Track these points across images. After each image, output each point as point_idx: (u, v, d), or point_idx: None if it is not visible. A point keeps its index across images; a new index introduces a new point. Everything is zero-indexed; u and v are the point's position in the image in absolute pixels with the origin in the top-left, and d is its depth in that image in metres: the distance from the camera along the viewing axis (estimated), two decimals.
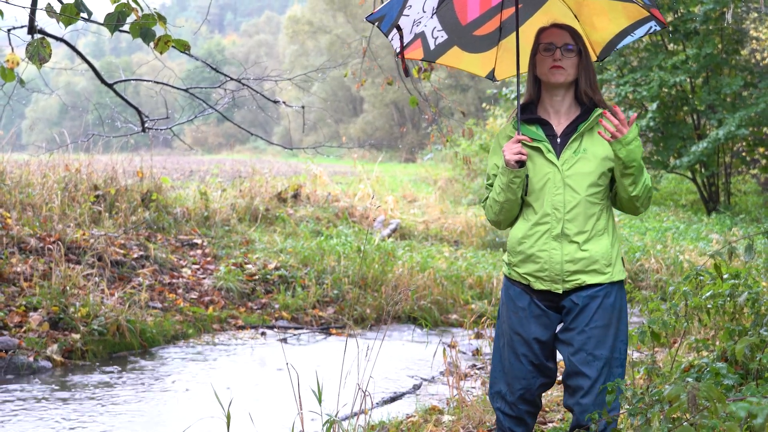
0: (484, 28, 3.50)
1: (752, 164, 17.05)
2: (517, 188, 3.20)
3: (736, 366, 4.04)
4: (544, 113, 3.32)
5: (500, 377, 3.36)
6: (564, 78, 3.22)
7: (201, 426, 4.94)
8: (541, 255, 3.20)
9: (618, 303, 3.23)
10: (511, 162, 3.16)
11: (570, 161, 3.20)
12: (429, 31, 3.41)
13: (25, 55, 4.17)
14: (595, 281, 3.18)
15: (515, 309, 3.30)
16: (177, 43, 4.60)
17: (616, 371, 3.20)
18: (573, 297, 3.20)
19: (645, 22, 3.32)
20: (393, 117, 43.36)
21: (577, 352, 3.20)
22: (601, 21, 3.40)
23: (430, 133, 14.91)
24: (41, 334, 6.64)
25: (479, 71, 3.68)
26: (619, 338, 3.22)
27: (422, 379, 6.41)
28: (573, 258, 3.17)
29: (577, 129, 3.23)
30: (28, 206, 8.90)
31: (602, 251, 3.18)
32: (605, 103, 3.27)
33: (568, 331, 3.22)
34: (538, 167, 3.23)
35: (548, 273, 3.20)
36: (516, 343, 3.29)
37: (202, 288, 8.54)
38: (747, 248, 3.53)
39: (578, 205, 3.17)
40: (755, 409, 2.20)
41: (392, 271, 9.01)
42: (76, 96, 43.31)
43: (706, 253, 9.77)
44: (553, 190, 3.19)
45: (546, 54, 3.24)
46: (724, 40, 15.36)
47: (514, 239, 3.30)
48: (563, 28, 3.26)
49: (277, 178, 14.43)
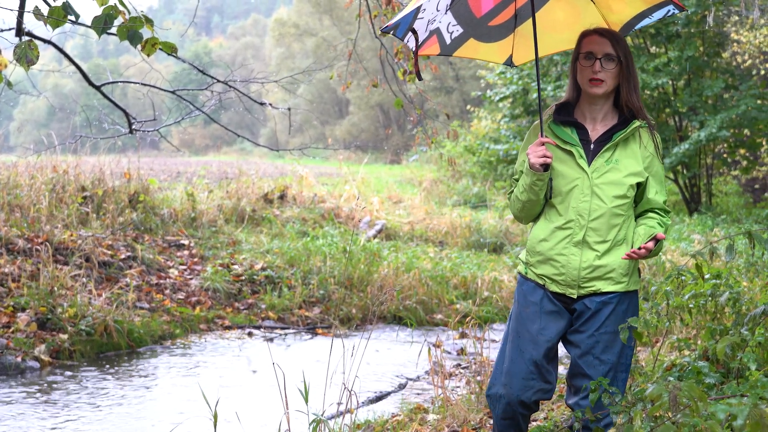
0: (499, 17, 3.49)
1: (733, 166, 17.15)
2: (540, 190, 3.17)
3: (717, 365, 4.06)
4: (580, 116, 3.28)
5: (499, 379, 3.32)
6: (603, 91, 3.18)
7: (188, 425, 4.96)
8: (560, 259, 3.18)
9: (631, 311, 3.22)
10: (535, 165, 3.13)
11: (601, 170, 3.16)
12: (444, 27, 3.41)
13: (13, 57, 4.19)
14: (610, 289, 3.16)
15: (526, 304, 3.27)
16: (164, 46, 4.63)
17: (621, 376, 3.21)
18: (586, 301, 3.19)
19: (663, 6, 3.30)
20: (378, 119, 43.36)
21: (584, 355, 3.19)
22: (618, 4, 3.38)
23: (415, 135, 14.96)
24: (29, 334, 6.65)
25: (497, 59, 3.67)
26: (628, 344, 3.21)
27: (407, 379, 6.44)
28: (591, 265, 3.15)
29: (612, 138, 3.18)
30: (16, 207, 8.89)
31: (620, 262, 3.16)
32: (645, 113, 3.23)
33: (578, 333, 3.21)
34: (568, 171, 3.19)
35: (564, 277, 3.18)
36: (522, 340, 3.26)
37: (189, 288, 8.56)
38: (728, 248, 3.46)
39: (603, 214, 3.14)
40: (735, 410, 2.23)
41: (378, 272, 9.04)
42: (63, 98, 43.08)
43: (688, 253, 9.82)
44: (580, 197, 3.16)
45: (586, 64, 3.19)
46: (705, 43, 15.49)
47: (535, 239, 3.27)
48: (604, 35, 3.19)
49: (263, 179, 14.41)
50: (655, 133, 3.25)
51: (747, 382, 3.44)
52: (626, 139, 3.19)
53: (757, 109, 14.27)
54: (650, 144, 3.21)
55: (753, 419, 2.21)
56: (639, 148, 3.19)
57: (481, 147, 20.24)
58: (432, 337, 7.56)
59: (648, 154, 3.20)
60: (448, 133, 8.75)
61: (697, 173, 15.88)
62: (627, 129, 3.18)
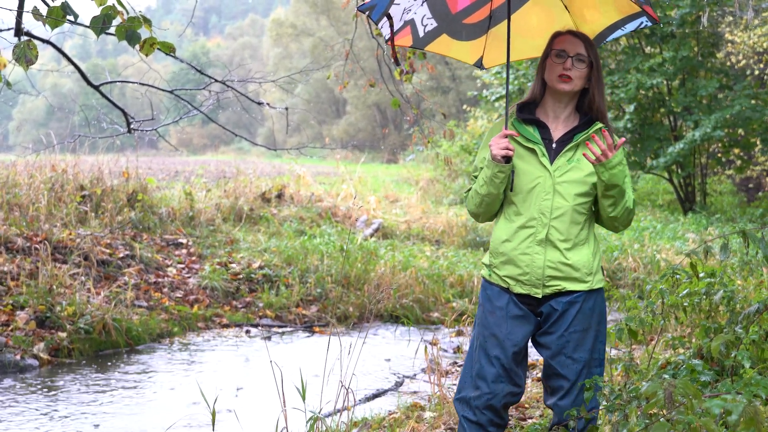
0: (474, 16, 3.48)
1: (727, 165, 17.18)
2: (500, 183, 3.15)
3: (711, 363, 4.06)
4: (543, 115, 3.27)
5: (469, 382, 3.29)
6: (570, 88, 3.18)
7: (186, 423, 5.01)
8: (524, 258, 3.17)
9: (597, 308, 3.22)
10: (497, 157, 3.11)
11: (563, 168, 3.16)
12: (418, 19, 3.39)
13: (12, 57, 4.22)
14: (574, 288, 3.17)
15: (492, 309, 3.25)
16: (162, 46, 4.65)
17: (595, 371, 3.22)
18: (552, 302, 3.18)
19: (636, 18, 3.30)
20: (375, 118, 43.35)
21: (556, 355, 3.20)
22: (592, 14, 3.38)
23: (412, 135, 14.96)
24: (28, 332, 6.68)
25: (467, 59, 3.65)
26: (599, 339, 3.23)
27: (404, 377, 6.46)
28: (555, 264, 3.14)
29: (574, 138, 3.19)
30: (15, 206, 8.91)
31: (584, 260, 3.17)
32: (607, 118, 3.22)
33: (547, 334, 3.21)
34: (530, 169, 3.18)
35: (529, 277, 3.16)
36: (489, 344, 3.24)
37: (187, 287, 8.59)
38: (722, 247, 3.49)
39: (565, 213, 3.14)
40: (730, 406, 2.24)
41: (374, 270, 9.06)
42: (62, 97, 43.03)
43: (683, 252, 9.85)
44: (542, 195, 3.15)
45: (557, 61, 3.18)
46: (700, 43, 15.53)
47: (498, 240, 3.25)
48: (578, 36, 3.20)
49: (261, 178, 14.41)
50: (615, 137, 3.22)
51: (741, 379, 3.43)
52: (587, 140, 3.17)
53: (751, 109, 14.32)
54: None
55: (747, 416, 2.22)
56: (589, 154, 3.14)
57: (477, 146, 20.28)
58: (428, 335, 7.59)
59: None
60: (444, 132, 8.79)
61: (691, 173, 15.93)
62: (589, 130, 3.18)
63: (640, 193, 18.56)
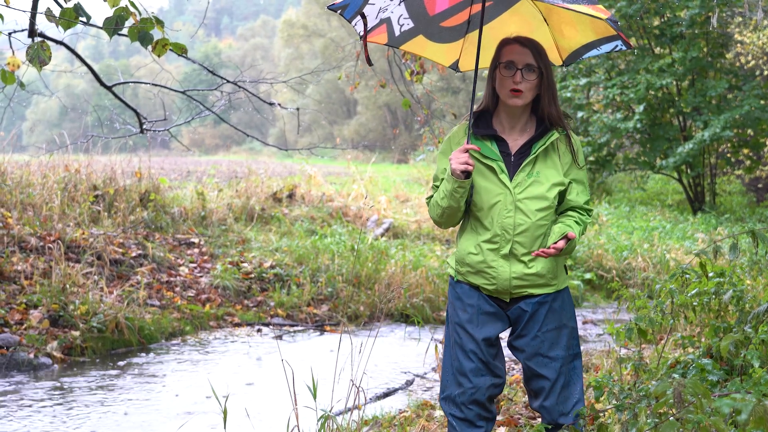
0: (452, 20, 3.46)
1: (737, 165, 17.14)
2: (461, 197, 3.14)
3: (721, 362, 4.04)
4: (499, 126, 3.24)
5: (451, 380, 3.30)
6: (522, 102, 3.15)
7: (198, 421, 5.03)
8: (490, 271, 3.19)
9: (566, 305, 3.27)
10: (456, 171, 3.08)
11: (523, 184, 3.15)
12: (395, 18, 3.38)
13: (26, 58, 4.28)
14: (541, 292, 3.21)
15: (463, 306, 3.27)
16: (174, 47, 4.69)
17: (573, 365, 3.26)
18: (521, 304, 3.22)
19: (612, 40, 3.28)
20: (386, 119, 43.36)
21: (532, 357, 3.22)
22: (569, 30, 3.37)
23: (422, 135, 14.99)
24: (41, 331, 6.72)
25: (443, 61, 3.63)
26: (572, 335, 3.26)
27: (414, 375, 6.47)
28: (520, 275, 3.17)
29: (532, 150, 3.17)
30: (29, 206, 8.97)
31: (548, 267, 3.19)
32: (563, 120, 3.21)
33: (521, 337, 3.24)
34: (491, 186, 3.17)
35: (496, 287, 3.19)
36: (464, 340, 3.25)
37: (199, 286, 8.63)
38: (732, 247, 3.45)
39: (528, 228, 3.14)
40: (740, 405, 2.24)
41: (385, 270, 9.08)
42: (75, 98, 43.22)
43: (692, 251, 9.82)
44: (504, 212, 3.15)
45: (506, 73, 3.14)
46: (709, 43, 15.51)
47: (464, 251, 3.26)
48: (526, 45, 3.15)
49: (272, 178, 14.43)
50: (574, 137, 3.24)
51: (750, 379, 3.44)
52: (546, 150, 3.18)
53: (761, 109, 14.29)
54: (567, 153, 3.21)
55: (757, 415, 2.23)
56: (558, 157, 3.19)
57: None
58: (439, 334, 7.59)
59: (567, 161, 3.20)
60: None
61: (701, 173, 15.90)
62: (545, 140, 3.16)
63: (649, 193, 18.54)
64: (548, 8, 3.35)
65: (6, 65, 4.60)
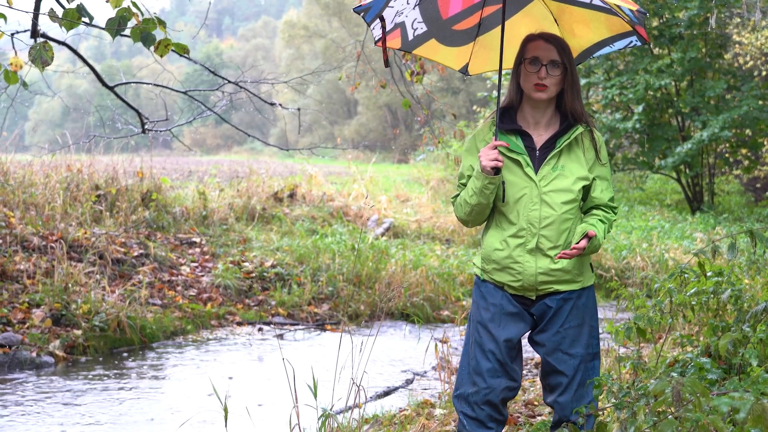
0: (464, 23, 3.48)
1: (735, 165, 17.17)
2: (490, 194, 3.16)
3: (719, 361, 4.05)
4: (523, 122, 3.27)
5: (466, 379, 3.30)
6: (547, 96, 3.19)
7: (199, 419, 5.05)
8: (516, 267, 3.19)
9: (590, 303, 3.27)
10: (486, 168, 3.11)
11: (548, 177, 3.17)
12: (409, 22, 3.40)
13: (28, 59, 4.31)
14: (567, 288, 3.21)
15: (486, 305, 3.27)
16: (176, 47, 4.72)
17: (591, 365, 3.25)
18: (546, 301, 3.21)
19: (626, 36, 3.30)
20: (386, 119, 43.34)
21: (552, 352, 3.22)
22: (581, 29, 3.37)
23: (423, 135, 15.00)
24: (44, 330, 6.76)
25: (453, 64, 3.66)
26: (592, 334, 3.26)
27: (414, 374, 6.50)
28: (546, 270, 3.17)
29: (556, 145, 3.19)
30: (31, 206, 9.00)
31: (573, 263, 3.19)
32: (587, 116, 3.25)
33: (543, 332, 3.24)
34: (516, 180, 3.19)
35: (522, 283, 3.19)
36: (484, 339, 3.26)
37: (201, 285, 8.66)
38: (730, 247, 3.48)
39: (554, 221, 3.15)
40: (738, 404, 2.25)
41: (385, 269, 9.11)
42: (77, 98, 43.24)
43: (691, 251, 9.83)
44: (530, 205, 3.16)
45: (531, 69, 3.18)
46: (707, 44, 15.54)
47: (489, 247, 3.26)
48: (550, 41, 3.19)
49: (273, 178, 14.42)
50: (597, 134, 3.27)
51: (749, 378, 3.43)
52: (570, 145, 3.21)
53: (759, 109, 14.32)
54: (591, 149, 3.24)
55: (755, 413, 2.24)
56: (582, 152, 3.22)
57: None
58: (439, 333, 7.64)
59: (591, 157, 3.23)
60: (454, 133, 8.86)
61: (699, 172, 15.93)
62: (570, 135, 3.20)
63: (648, 193, 18.56)
64: (560, 8, 3.37)
65: (9, 65, 4.62)
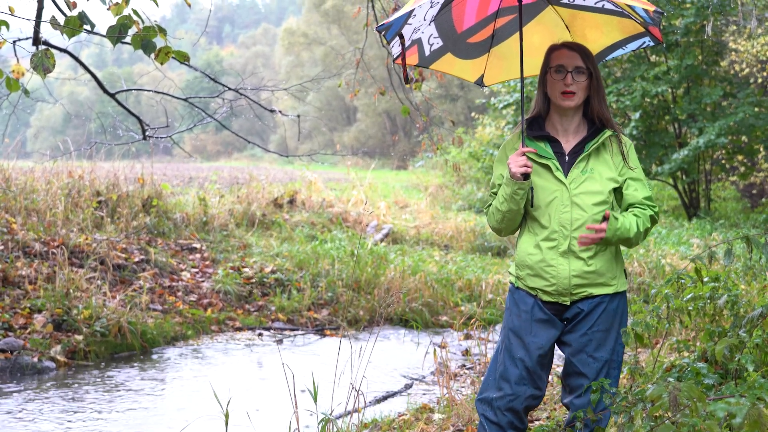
0: (478, 35, 3.54)
1: (731, 171, 17.20)
2: (521, 200, 3.20)
3: (715, 366, 4.06)
4: (552, 130, 3.32)
5: (492, 384, 3.34)
6: (575, 103, 3.24)
7: (200, 424, 5.03)
8: (549, 270, 3.22)
9: (621, 309, 3.29)
10: (516, 174, 3.15)
11: (578, 180, 3.22)
12: (426, 38, 3.45)
13: (30, 66, 4.34)
14: (601, 292, 3.24)
15: (518, 312, 3.31)
16: (177, 54, 4.75)
17: (613, 373, 3.27)
18: (579, 304, 3.25)
19: (639, 38, 3.36)
20: (385, 126, 43.38)
21: (577, 353, 3.25)
22: (594, 33, 3.43)
23: (421, 142, 15.04)
24: (45, 335, 6.79)
25: (469, 77, 3.71)
26: (618, 341, 3.28)
27: (413, 379, 6.52)
28: (580, 273, 3.20)
29: (585, 149, 3.24)
30: (33, 212, 9.03)
31: (607, 265, 3.23)
32: (613, 122, 3.29)
33: (571, 333, 3.27)
34: (546, 184, 3.24)
35: (556, 287, 3.22)
36: (514, 346, 3.29)
37: (201, 291, 8.69)
38: (726, 252, 3.45)
39: (585, 223, 3.18)
40: (734, 409, 2.27)
41: (385, 275, 9.13)
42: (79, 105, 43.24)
43: (687, 257, 9.83)
44: (561, 208, 3.21)
45: (557, 77, 3.24)
46: (704, 51, 15.60)
47: (523, 253, 3.30)
48: (574, 49, 3.24)
49: (273, 184, 14.45)
50: (625, 139, 3.31)
51: (745, 383, 3.43)
52: (598, 149, 3.26)
53: (755, 116, 14.37)
54: (618, 153, 3.27)
55: (751, 418, 2.26)
56: (611, 156, 3.26)
57: (485, 153, 20.37)
58: (437, 339, 7.64)
59: (619, 161, 3.26)
60: (453, 139, 8.88)
61: (696, 179, 15.98)
62: (598, 139, 3.24)
63: None
64: (572, 14, 3.43)
65: (11, 73, 4.65)
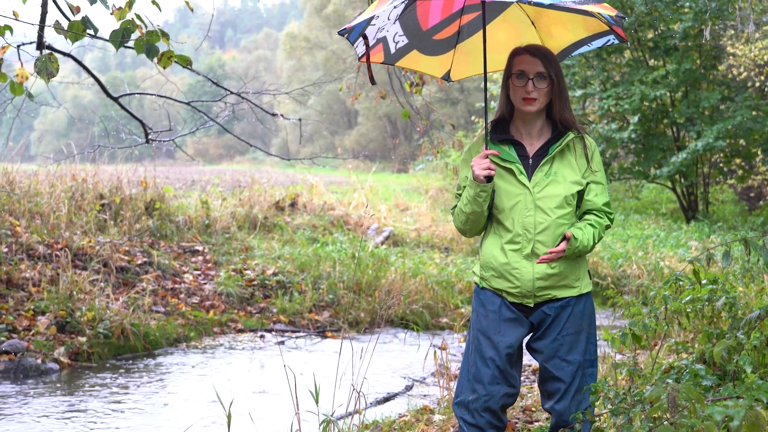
0: (444, 32, 3.54)
1: (729, 175, 17.25)
2: (483, 202, 3.20)
3: (714, 367, 4.09)
4: (516, 133, 3.32)
5: (466, 386, 3.33)
6: (536, 108, 3.24)
7: (202, 426, 5.09)
8: (514, 273, 3.22)
9: (588, 310, 3.30)
10: (479, 177, 3.16)
11: (541, 184, 3.22)
12: (390, 37, 3.46)
13: (34, 70, 4.40)
14: (565, 295, 3.24)
15: (486, 312, 3.30)
16: (179, 59, 4.80)
17: (588, 371, 3.28)
18: (545, 308, 3.25)
19: (604, 35, 3.36)
20: (386, 129, 43.39)
21: (550, 359, 3.25)
22: (559, 30, 3.44)
23: (422, 145, 15.08)
24: (49, 337, 6.83)
25: (436, 72, 3.74)
26: (590, 341, 3.29)
27: (414, 380, 6.54)
28: (543, 275, 3.20)
29: (549, 152, 3.24)
30: (37, 214, 9.09)
31: (571, 268, 3.24)
32: (576, 123, 3.29)
33: (541, 339, 3.27)
34: (510, 188, 3.24)
35: (520, 289, 3.22)
36: (484, 346, 3.28)
37: (204, 293, 8.73)
38: (724, 255, 3.53)
39: (549, 227, 3.19)
40: (732, 412, 2.27)
41: (385, 277, 9.16)
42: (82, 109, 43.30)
43: (686, 259, 9.87)
44: (524, 212, 3.21)
45: (518, 83, 3.23)
46: (702, 56, 15.65)
47: (488, 254, 3.30)
48: (535, 54, 3.23)
49: (275, 187, 14.43)
50: (589, 140, 3.33)
51: (743, 384, 3.41)
52: (562, 151, 3.26)
53: (752, 120, 14.42)
54: (582, 156, 3.28)
55: (749, 420, 2.27)
56: (575, 158, 3.26)
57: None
58: (438, 340, 7.67)
59: (583, 163, 3.27)
60: (453, 142, 8.94)
61: (694, 182, 16.03)
62: (561, 141, 3.25)
63: (644, 202, 18.65)
64: (537, 11, 3.45)
65: (15, 77, 4.71)
